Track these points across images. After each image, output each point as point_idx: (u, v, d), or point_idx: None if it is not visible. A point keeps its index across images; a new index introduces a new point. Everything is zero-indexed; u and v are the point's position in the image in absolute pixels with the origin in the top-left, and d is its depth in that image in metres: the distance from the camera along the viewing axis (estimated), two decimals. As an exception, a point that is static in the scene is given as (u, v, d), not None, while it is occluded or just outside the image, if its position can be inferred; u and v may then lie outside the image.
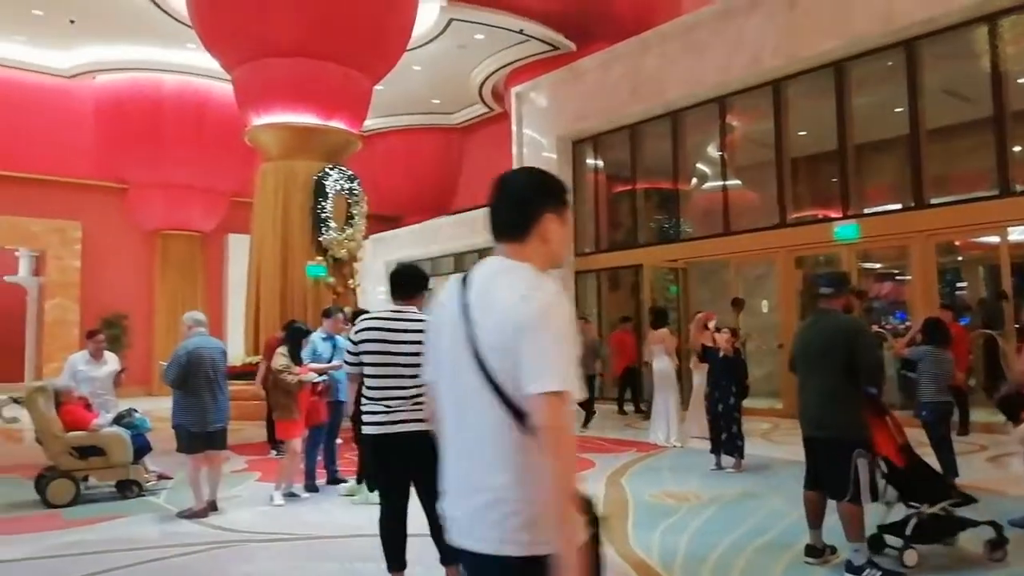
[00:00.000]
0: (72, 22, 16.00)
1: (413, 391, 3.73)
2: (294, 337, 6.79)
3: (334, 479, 7.25)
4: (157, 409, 9.88)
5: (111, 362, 7.62)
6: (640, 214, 15.15)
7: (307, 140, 13.76)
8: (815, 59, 11.65)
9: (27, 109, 17.79)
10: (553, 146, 15.93)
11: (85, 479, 6.79)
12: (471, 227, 19.09)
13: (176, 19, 15.24)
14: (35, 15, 15.63)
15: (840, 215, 11.71)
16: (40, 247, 18.44)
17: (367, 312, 4.57)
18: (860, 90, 11.74)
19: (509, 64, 18.64)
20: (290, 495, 6.65)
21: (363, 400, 3.87)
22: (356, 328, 3.97)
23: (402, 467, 3.81)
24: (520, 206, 1.72)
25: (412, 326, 3.81)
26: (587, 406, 11.30)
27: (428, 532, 3.65)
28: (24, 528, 5.80)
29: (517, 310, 1.56)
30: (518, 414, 1.56)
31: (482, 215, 16.28)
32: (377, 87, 15.07)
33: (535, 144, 16.41)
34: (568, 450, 1.53)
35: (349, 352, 3.97)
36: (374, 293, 21.99)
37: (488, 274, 1.70)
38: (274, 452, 9.16)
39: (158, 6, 15.13)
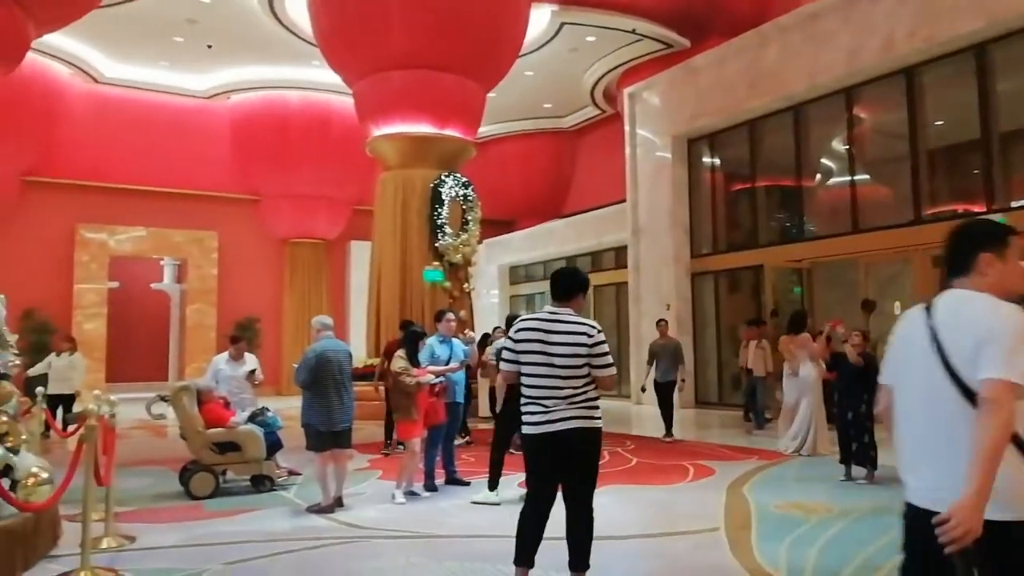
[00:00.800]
0: (209, 47, 17.16)
1: (568, 391, 3.82)
2: (410, 339, 6.98)
3: (453, 479, 7.39)
4: (286, 408, 10.41)
5: (249, 363, 8.08)
6: (760, 213, 14.61)
7: (424, 149, 14.15)
8: (954, 42, 10.86)
9: (170, 129, 19.22)
10: (668, 145, 15.64)
11: (223, 473, 7.22)
12: (583, 229, 19.05)
13: (302, 39, 16.05)
14: (176, 42, 16.87)
15: (983, 209, 10.84)
16: (182, 256, 19.89)
17: (521, 315, 4.64)
18: (1005, 74, 10.84)
19: (621, 65, 18.47)
20: (411, 494, 6.83)
21: (522, 400, 3.97)
22: (515, 328, 4.07)
23: (556, 466, 3.90)
24: (963, 250, 2.23)
25: (568, 328, 3.88)
26: (667, 416, 10.61)
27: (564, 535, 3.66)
28: (171, 517, 6.24)
29: (981, 322, 2.04)
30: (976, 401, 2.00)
31: (595, 217, 16.20)
32: (490, 94, 15.31)
33: (649, 144, 16.17)
34: (1003, 421, 1.94)
35: (507, 350, 4.06)
36: (488, 296, 22.35)
37: (951, 300, 2.18)
38: (385, 452, 9.52)
39: (286, 27, 15.98)
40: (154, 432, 12.20)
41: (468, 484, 7.29)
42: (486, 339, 10.58)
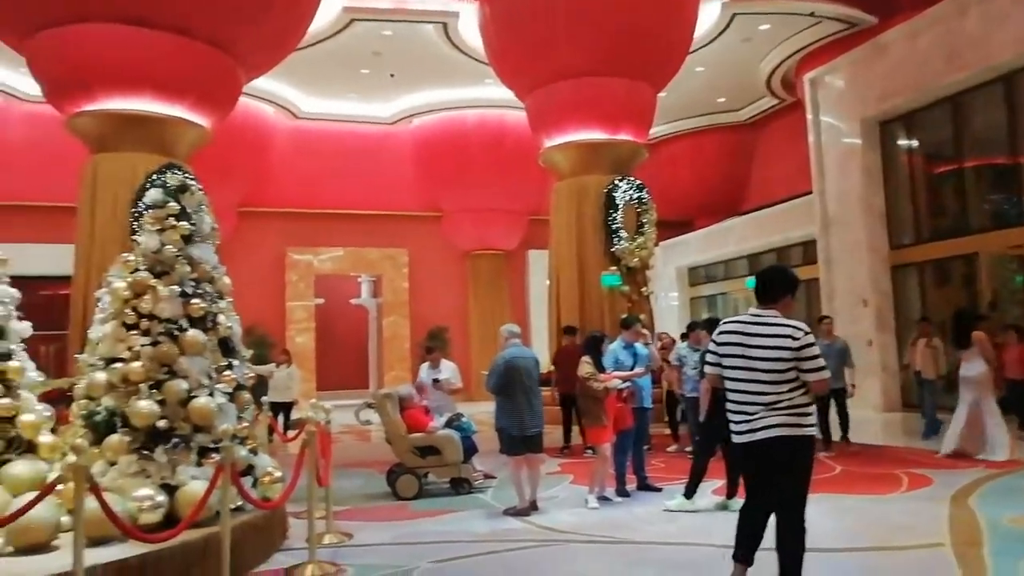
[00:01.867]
0: (392, 76, 18.33)
1: (772, 397, 3.71)
2: (592, 345, 7.05)
3: (644, 485, 7.35)
4: (476, 413, 10.84)
5: (445, 370, 8.54)
6: (970, 196, 13.23)
7: (596, 155, 14.22)
8: None
9: (361, 155, 20.72)
10: (856, 131, 14.60)
11: (425, 475, 7.67)
12: (766, 225, 18.22)
13: (476, 59, 16.71)
14: (363, 74, 18.17)
15: None
16: (377, 272, 21.37)
17: (721, 320, 4.58)
18: None
19: (800, 50, 17.50)
20: (603, 499, 6.88)
21: (727, 406, 3.92)
22: (717, 331, 4.01)
23: (763, 474, 3.81)
24: None
25: (772, 331, 3.77)
26: (824, 428, 9.06)
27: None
28: (382, 516, 6.72)
29: None
30: None
31: (778, 212, 15.34)
32: (660, 94, 15.10)
33: (834, 131, 15.18)
34: None
35: (711, 353, 4.01)
36: (666, 299, 21.98)
37: None
38: (563, 447, 9.68)
39: (461, 51, 16.73)
40: (359, 436, 13.18)
41: (660, 490, 7.22)
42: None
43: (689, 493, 6.44)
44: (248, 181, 19.10)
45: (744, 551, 3.91)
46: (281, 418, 11.57)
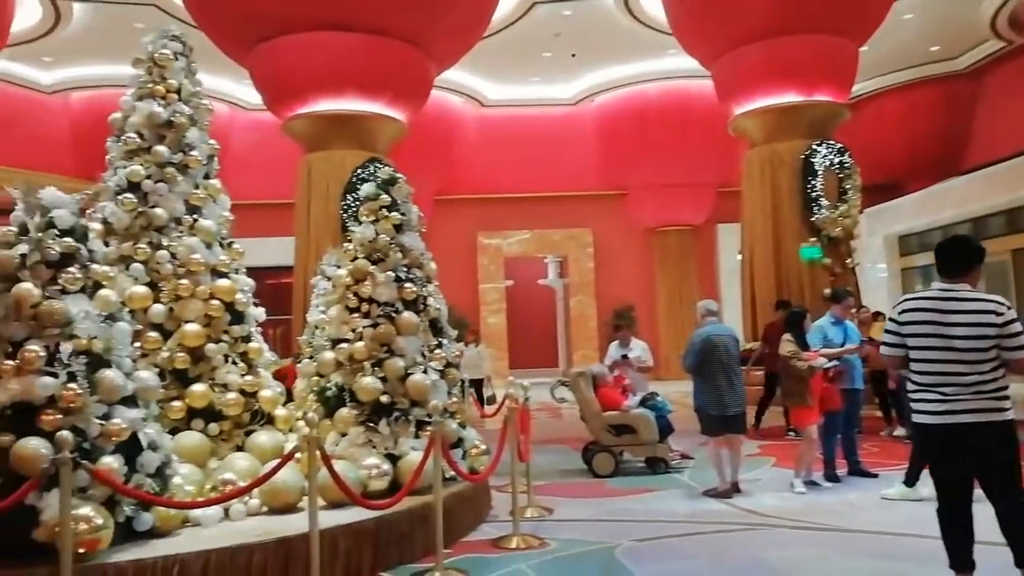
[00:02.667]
0: (573, 56, 18.37)
1: (973, 378, 3.39)
2: (794, 321, 6.71)
3: (856, 470, 6.90)
4: (667, 393, 10.69)
5: (636, 348, 8.51)
6: None
7: (791, 119, 13.40)
8: None
9: (544, 138, 20.98)
10: (1109, 69, 12.60)
11: (621, 453, 7.71)
12: (993, 185, 16.24)
13: (657, 30, 16.31)
14: (545, 57, 18.36)
15: None
16: (562, 253, 21.66)
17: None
18: None
19: (1033, -18, 15.35)
20: (810, 483, 6.56)
21: (911, 387, 3.63)
22: (900, 308, 3.69)
23: (961, 461, 3.49)
24: None
25: (971, 306, 3.45)
26: None
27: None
28: (580, 493, 6.85)
29: None
30: None
31: (1009, 168, 13.68)
32: (862, 48, 13.89)
33: (1080, 72, 13.20)
34: None
35: (889, 333, 3.72)
36: (874, 271, 20.32)
37: None
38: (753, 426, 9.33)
39: (641, 22, 16.39)
40: (552, 413, 13.49)
41: (876, 476, 6.75)
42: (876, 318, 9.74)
43: (910, 480, 5.96)
44: (441, 170, 20.01)
45: (963, 556, 3.54)
46: (473, 394, 12.10)
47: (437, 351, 5.84)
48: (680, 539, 5.24)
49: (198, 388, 5.35)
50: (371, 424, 5.37)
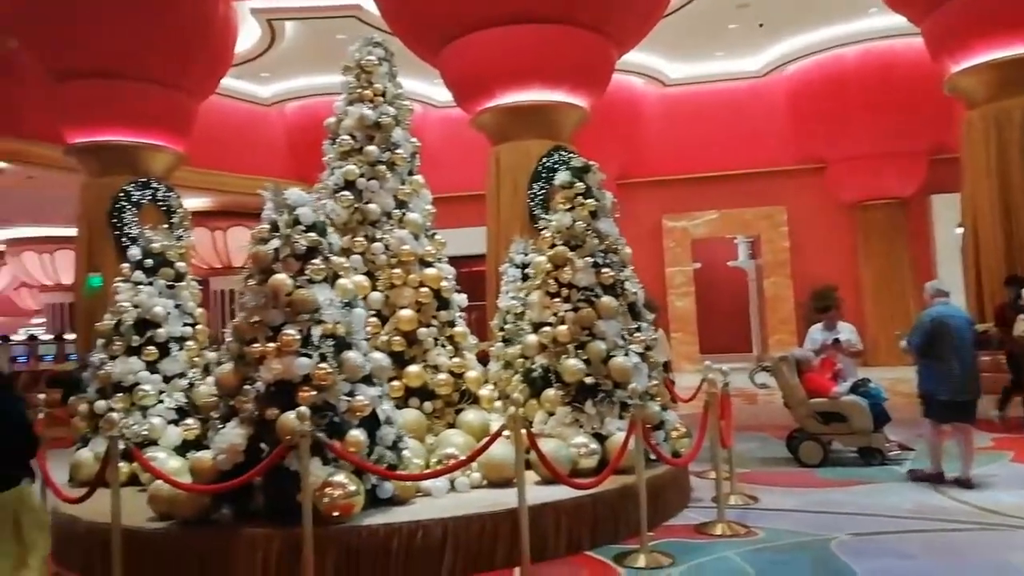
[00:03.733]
0: (761, 26, 17.44)
1: None
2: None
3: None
4: (877, 379, 9.92)
5: (844, 331, 7.98)
6: None
7: (1019, 74, 11.86)
8: None
9: (729, 114, 20.11)
10: None
11: (829, 443, 7.28)
12: None
13: (856, -12, 15.10)
14: (730, 29, 17.59)
15: None
16: (754, 233, 20.69)
17: None
18: None
19: None
20: (1058, 481, 5.85)
21: None
22: None
23: None
24: None
25: None
26: None
27: None
28: (786, 482, 6.56)
29: None
30: None
31: None
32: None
33: None
34: None
35: None
36: None
37: None
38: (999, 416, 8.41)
39: (837, -19, 15.26)
40: (747, 399, 13.00)
41: None
42: None
43: None
44: (624, 154, 19.84)
45: None
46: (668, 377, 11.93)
47: (636, 334, 5.86)
48: (902, 535, 4.88)
49: (414, 369, 5.78)
50: (577, 404, 5.54)
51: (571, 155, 9.04)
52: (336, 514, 4.20)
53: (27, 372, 16.39)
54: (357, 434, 4.41)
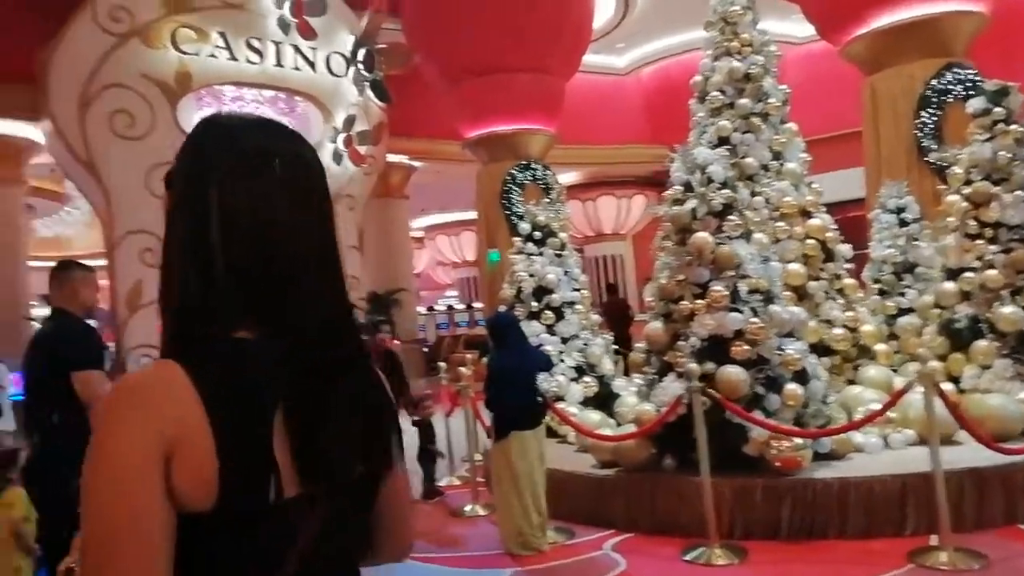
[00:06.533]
0: None
1: None
2: None
3: None
4: None
5: None
6: None
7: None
8: None
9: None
10: None
11: None
12: None
13: None
14: None
15: None
16: None
17: None
18: None
19: None
20: None
21: None
22: None
23: None
24: None
25: None
26: None
27: None
28: None
29: None
30: None
31: None
32: None
33: None
34: None
35: None
36: None
37: None
38: None
39: None
40: None
41: None
42: None
43: None
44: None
45: None
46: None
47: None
48: None
49: (809, 324, 5.58)
50: (1017, 356, 4.95)
51: (969, 72, 7.86)
52: (778, 465, 4.23)
53: (449, 336, 19.50)
54: (794, 387, 4.38)
